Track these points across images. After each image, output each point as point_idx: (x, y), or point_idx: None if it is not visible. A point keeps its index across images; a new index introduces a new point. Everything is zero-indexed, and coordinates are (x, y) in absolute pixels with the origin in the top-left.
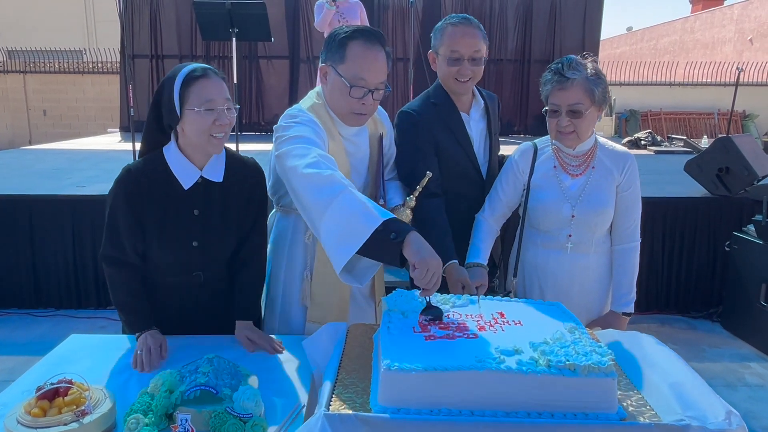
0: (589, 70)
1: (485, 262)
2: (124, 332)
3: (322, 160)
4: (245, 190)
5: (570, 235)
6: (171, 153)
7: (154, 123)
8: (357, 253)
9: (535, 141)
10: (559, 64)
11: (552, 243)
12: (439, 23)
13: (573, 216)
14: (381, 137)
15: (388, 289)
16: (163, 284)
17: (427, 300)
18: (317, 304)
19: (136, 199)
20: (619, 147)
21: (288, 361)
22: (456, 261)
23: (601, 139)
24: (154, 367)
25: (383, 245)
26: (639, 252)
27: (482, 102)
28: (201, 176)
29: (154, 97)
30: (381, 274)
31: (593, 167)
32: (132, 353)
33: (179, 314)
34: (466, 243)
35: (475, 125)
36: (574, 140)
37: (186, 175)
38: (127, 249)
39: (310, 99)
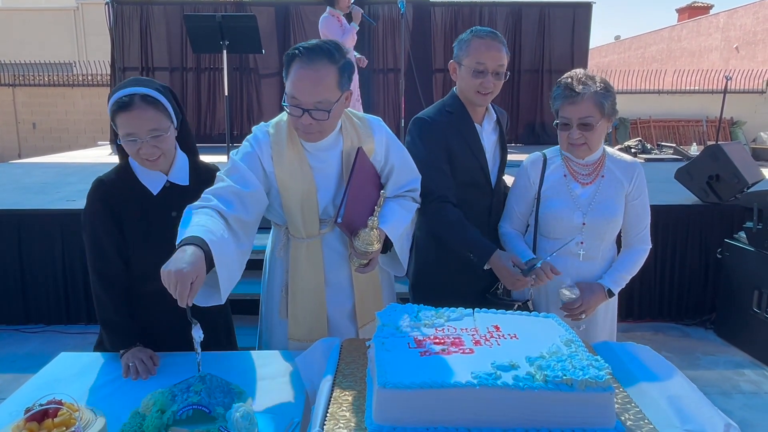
0: (598, 84)
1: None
2: (96, 349)
3: (207, 195)
4: None
5: (582, 243)
6: (136, 162)
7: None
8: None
9: (544, 151)
10: (569, 79)
11: (563, 251)
12: (464, 35)
13: (584, 224)
14: (358, 151)
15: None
16: (148, 293)
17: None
18: (296, 321)
19: (113, 205)
20: (626, 156)
21: (281, 377)
22: (497, 249)
23: (609, 149)
24: (151, 374)
25: None
26: (647, 257)
27: (495, 115)
28: (168, 180)
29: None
30: (365, 299)
31: (603, 176)
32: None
33: (167, 326)
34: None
35: (487, 137)
36: (585, 152)
37: (152, 181)
38: (114, 258)
39: (282, 114)
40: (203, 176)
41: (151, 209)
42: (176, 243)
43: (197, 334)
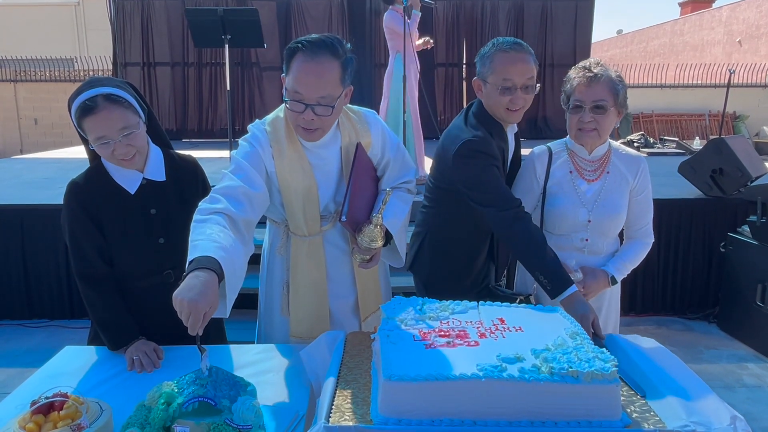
0: (614, 73)
1: None
2: (90, 343)
3: (216, 194)
4: (191, 183)
5: (587, 240)
6: (109, 163)
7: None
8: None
9: (548, 145)
10: (587, 63)
11: (567, 246)
12: (486, 48)
13: (589, 221)
14: (358, 146)
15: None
16: (136, 291)
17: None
18: (297, 319)
19: (90, 207)
20: (632, 151)
21: (286, 370)
22: (576, 289)
23: (614, 143)
24: (156, 367)
25: None
26: (649, 250)
27: (515, 128)
28: (144, 178)
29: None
30: (366, 292)
31: (608, 172)
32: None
33: (159, 321)
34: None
35: (509, 148)
36: (593, 138)
37: (129, 180)
38: (95, 260)
39: (277, 111)
40: (180, 170)
41: (129, 209)
42: (188, 259)
43: (204, 363)
